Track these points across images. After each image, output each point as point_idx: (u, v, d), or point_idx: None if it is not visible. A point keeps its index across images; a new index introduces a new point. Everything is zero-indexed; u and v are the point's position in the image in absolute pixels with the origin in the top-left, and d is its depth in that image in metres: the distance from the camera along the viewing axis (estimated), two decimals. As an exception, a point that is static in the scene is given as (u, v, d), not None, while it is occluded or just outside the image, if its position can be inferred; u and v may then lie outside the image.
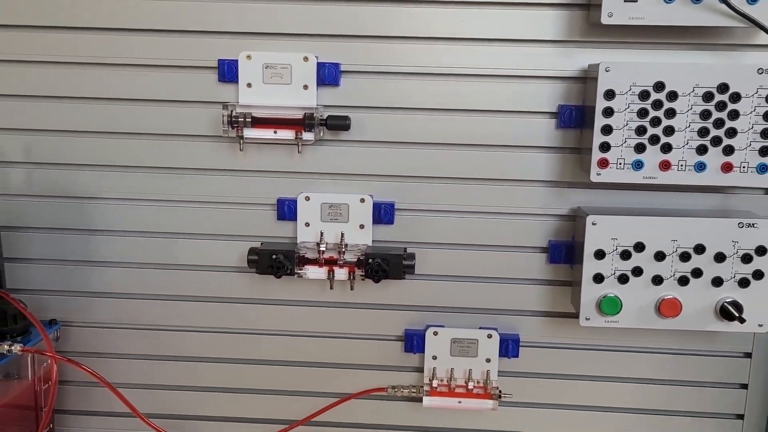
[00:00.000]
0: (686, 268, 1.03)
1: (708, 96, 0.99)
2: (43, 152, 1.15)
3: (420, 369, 1.18)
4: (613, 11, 0.98)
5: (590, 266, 1.04)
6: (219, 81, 1.11)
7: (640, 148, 1.01)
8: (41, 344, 1.08)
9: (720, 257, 1.02)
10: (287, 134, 1.09)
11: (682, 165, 1.01)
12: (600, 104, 1.00)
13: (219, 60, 1.10)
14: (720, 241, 1.02)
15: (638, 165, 1.01)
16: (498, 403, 1.14)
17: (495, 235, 1.14)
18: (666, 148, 1.00)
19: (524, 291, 1.15)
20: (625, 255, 1.03)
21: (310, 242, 1.13)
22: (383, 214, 1.13)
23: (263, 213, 1.15)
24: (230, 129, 1.09)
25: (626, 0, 0.97)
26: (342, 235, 1.13)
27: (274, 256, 1.10)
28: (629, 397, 1.18)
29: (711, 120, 0.99)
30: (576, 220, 1.10)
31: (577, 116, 1.08)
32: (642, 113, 1.00)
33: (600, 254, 1.04)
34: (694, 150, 1.00)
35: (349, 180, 1.13)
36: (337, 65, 1.09)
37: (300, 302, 1.18)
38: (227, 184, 1.14)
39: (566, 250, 1.12)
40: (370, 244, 1.14)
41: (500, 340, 1.15)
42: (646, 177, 1.02)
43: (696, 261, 1.03)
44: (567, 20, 1.07)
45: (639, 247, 1.03)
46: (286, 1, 1.08)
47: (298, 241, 1.14)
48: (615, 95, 0.99)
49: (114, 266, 1.19)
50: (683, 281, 1.03)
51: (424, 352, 1.16)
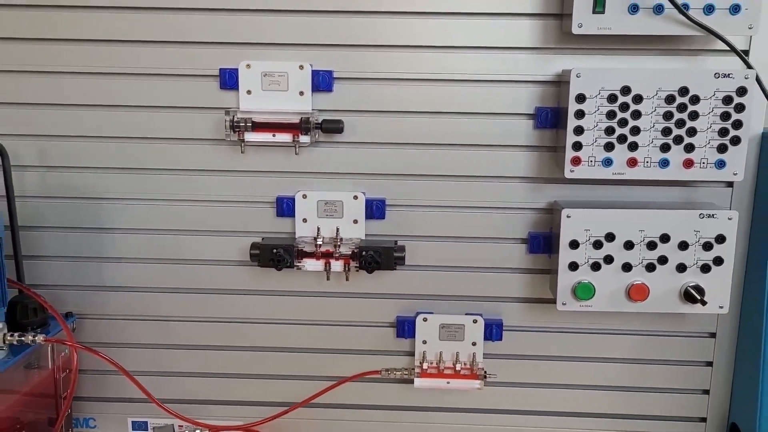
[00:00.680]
0: (653, 256, 1.12)
1: (670, 98, 1.07)
2: (57, 156, 1.22)
3: (411, 353, 1.26)
4: (583, 22, 1.06)
5: (566, 255, 1.13)
6: (221, 88, 1.18)
7: (610, 147, 1.09)
8: (60, 336, 1.16)
9: (683, 245, 1.11)
10: (285, 137, 1.17)
11: (648, 162, 1.10)
12: (572, 107, 1.09)
13: (220, 69, 1.17)
14: (683, 231, 1.11)
15: (608, 162, 1.10)
16: (483, 383, 1.23)
17: (479, 228, 1.22)
18: (633, 147, 1.09)
19: (506, 279, 1.23)
20: (597, 244, 1.12)
21: (308, 237, 1.21)
22: (375, 210, 1.21)
23: (263, 210, 1.22)
24: (232, 133, 1.16)
25: (594, 12, 1.06)
26: (337, 230, 1.20)
27: (275, 250, 1.17)
28: (604, 376, 1.26)
29: (673, 120, 1.08)
30: (553, 213, 1.19)
31: (553, 117, 1.16)
32: (610, 115, 1.08)
33: (574, 244, 1.12)
34: (659, 148, 1.09)
35: (343, 179, 1.21)
36: (331, 72, 1.17)
37: (299, 293, 1.25)
38: (230, 184, 1.21)
39: (544, 241, 1.20)
40: (364, 238, 1.21)
41: (485, 325, 1.23)
42: (615, 173, 1.10)
43: (662, 249, 1.11)
44: (542, 29, 1.14)
45: (610, 237, 1.11)
46: (283, 14, 1.15)
47: (297, 236, 1.22)
48: (585, 99, 1.08)
49: (125, 262, 1.26)
50: (650, 268, 1.12)
51: (415, 337, 1.24)
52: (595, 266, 1.12)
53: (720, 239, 1.11)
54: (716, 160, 1.09)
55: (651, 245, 1.12)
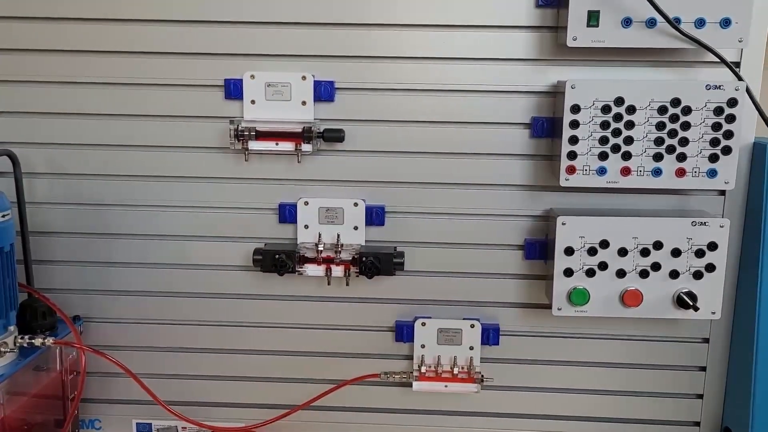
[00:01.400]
0: (646, 263, 1.14)
1: (662, 109, 1.10)
2: (66, 164, 1.25)
3: (410, 357, 1.29)
4: (577, 35, 1.09)
5: (561, 262, 1.16)
6: (225, 98, 1.21)
7: (604, 156, 1.12)
8: (68, 338, 1.19)
9: (676, 252, 1.14)
10: (288, 146, 1.20)
11: (641, 171, 1.12)
12: (567, 117, 1.11)
13: (225, 79, 1.20)
14: (676, 238, 1.13)
15: (602, 171, 1.13)
16: (481, 387, 1.25)
17: (476, 235, 1.24)
18: (626, 156, 1.12)
19: (503, 285, 1.26)
20: (592, 251, 1.15)
21: (309, 243, 1.24)
22: (375, 217, 1.24)
23: (266, 216, 1.25)
24: (236, 142, 1.19)
25: (588, 25, 1.09)
26: (338, 236, 1.23)
27: (277, 256, 1.20)
28: (599, 380, 1.28)
29: (666, 131, 1.11)
30: (549, 221, 1.21)
31: (548, 127, 1.19)
32: (604, 125, 1.11)
33: (569, 251, 1.15)
34: (651, 157, 1.12)
35: (344, 186, 1.24)
36: (332, 83, 1.20)
37: (300, 297, 1.28)
38: (233, 191, 1.24)
39: (540, 248, 1.23)
40: (364, 244, 1.24)
41: (482, 330, 1.26)
42: (609, 182, 1.13)
43: (655, 256, 1.14)
44: (538, 41, 1.17)
45: (604, 244, 1.14)
46: (286, 26, 1.18)
47: (298, 242, 1.25)
48: (580, 109, 1.11)
49: (131, 267, 1.29)
50: (644, 274, 1.14)
51: (413, 341, 1.27)
52: (590, 272, 1.15)
53: (712, 246, 1.13)
54: (708, 170, 1.12)
55: (644, 252, 1.14)
